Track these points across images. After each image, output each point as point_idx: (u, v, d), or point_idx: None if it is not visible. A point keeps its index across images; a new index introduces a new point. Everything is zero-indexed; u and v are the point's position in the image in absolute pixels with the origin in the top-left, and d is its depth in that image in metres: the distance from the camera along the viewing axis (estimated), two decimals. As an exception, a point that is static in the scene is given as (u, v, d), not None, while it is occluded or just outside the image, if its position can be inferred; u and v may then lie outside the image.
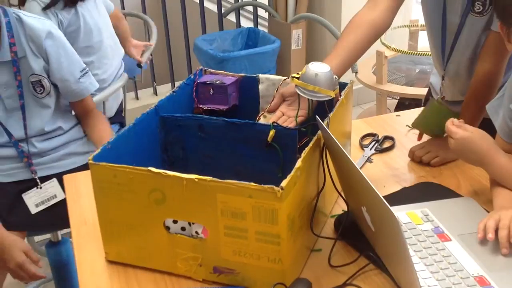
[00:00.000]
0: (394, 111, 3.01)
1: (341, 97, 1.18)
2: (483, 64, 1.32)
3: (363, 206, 0.95)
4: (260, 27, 3.67)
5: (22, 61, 1.55)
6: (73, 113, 1.72)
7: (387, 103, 3.03)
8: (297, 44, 3.34)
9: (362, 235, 1.05)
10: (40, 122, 1.62)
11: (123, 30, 2.30)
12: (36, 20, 1.59)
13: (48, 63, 1.58)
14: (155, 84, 3.77)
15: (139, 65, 2.37)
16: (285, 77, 1.30)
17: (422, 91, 2.61)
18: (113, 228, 1.07)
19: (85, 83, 1.65)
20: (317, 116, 1.07)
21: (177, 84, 4.05)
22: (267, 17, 3.56)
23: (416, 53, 2.94)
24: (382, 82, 2.86)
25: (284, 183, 0.91)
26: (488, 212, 1.13)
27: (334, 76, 1.18)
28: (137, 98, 3.74)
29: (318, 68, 1.16)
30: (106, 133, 1.70)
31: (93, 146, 1.73)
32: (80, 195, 1.33)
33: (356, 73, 2.94)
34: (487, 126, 1.22)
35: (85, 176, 1.30)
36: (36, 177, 1.62)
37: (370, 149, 1.44)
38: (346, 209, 1.13)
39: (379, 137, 1.48)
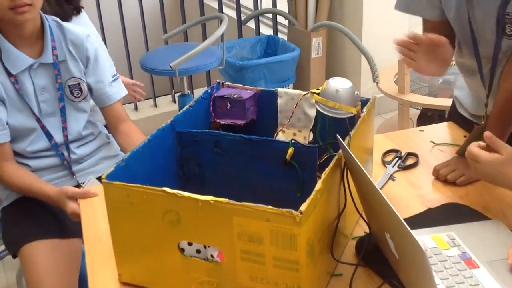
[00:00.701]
0: (417, 122, 2.95)
1: (363, 113, 1.14)
2: (506, 83, 1.27)
3: (387, 232, 0.91)
4: (279, 35, 3.64)
5: (62, 65, 1.59)
6: (98, 123, 1.73)
7: (409, 113, 2.97)
8: (317, 52, 3.30)
9: (385, 259, 1.01)
10: (77, 126, 1.65)
11: None
12: (74, 26, 1.66)
13: (87, 65, 1.63)
14: (173, 91, 3.76)
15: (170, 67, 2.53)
16: (305, 92, 1.26)
17: (445, 102, 2.55)
18: (126, 249, 1.04)
19: (116, 87, 1.69)
20: (337, 135, 1.03)
21: (195, 92, 4.02)
22: (286, 25, 3.53)
23: (439, 62, 2.87)
24: (404, 92, 2.79)
25: (303, 207, 0.87)
26: (518, 236, 1.07)
27: (356, 92, 1.14)
28: (155, 105, 3.74)
29: (339, 84, 1.12)
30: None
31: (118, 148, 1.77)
32: (96, 211, 1.31)
33: (377, 82, 2.88)
34: None
35: (101, 191, 1.27)
36: (81, 183, 1.65)
37: (393, 166, 1.38)
38: (367, 230, 1.08)
39: (402, 154, 1.43)
